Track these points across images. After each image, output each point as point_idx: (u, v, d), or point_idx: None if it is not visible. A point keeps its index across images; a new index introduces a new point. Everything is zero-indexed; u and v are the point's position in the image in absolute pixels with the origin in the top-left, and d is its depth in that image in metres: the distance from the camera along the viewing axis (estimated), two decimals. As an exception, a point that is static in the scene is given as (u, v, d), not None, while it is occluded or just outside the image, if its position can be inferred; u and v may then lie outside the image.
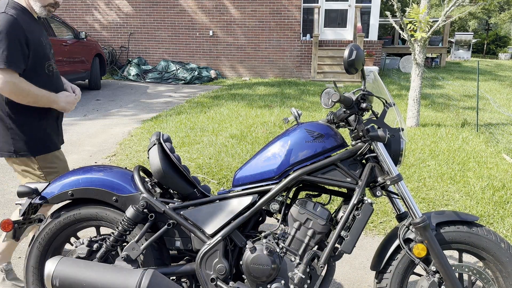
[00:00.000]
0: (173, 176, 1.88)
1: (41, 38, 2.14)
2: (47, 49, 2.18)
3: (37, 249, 1.95)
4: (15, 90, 1.99)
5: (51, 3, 2.13)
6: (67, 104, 2.20)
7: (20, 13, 2.05)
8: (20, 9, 2.08)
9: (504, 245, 1.80)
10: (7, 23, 1.95)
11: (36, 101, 2.08)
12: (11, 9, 2.02)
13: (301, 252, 1.80)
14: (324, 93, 1.92)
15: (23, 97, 2.03)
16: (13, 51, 1.96)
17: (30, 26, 2.07)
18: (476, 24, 26.59)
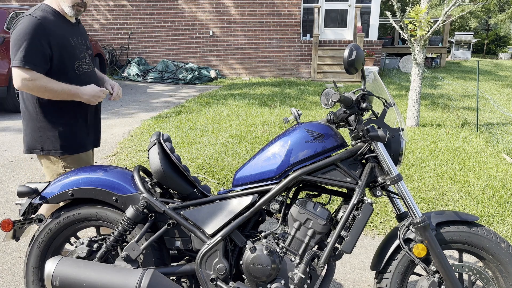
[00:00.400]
0: (173, 176, 1.88)
1: (70, 39, 2.20)
2: (77, 50, 2.24)
3: (37, 249, 1.95)
4: (32, 87, 2.08)
5: (78, 3, 2.18)
6: (91, 97, 2.18)
7: (49, 15, 2.14)
8: (50, 11, 2.17)
9: (504, 245, 1.80)
10: (29, 25, 2.05)
11: (56, 95, 2.13)
12: (39, 12, 2.12)
13: (301, 252, 1.80)
14: (324, 93, 1.92)
15: (42, 93, 2.11)
16: (31, 51, 2.04)
17: (58, 27, 2.15)
18: (476, 23, 26.60)
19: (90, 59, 2.35)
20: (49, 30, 2.09)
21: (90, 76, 2.32)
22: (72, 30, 2.26)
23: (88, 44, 2.39)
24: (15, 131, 5.99)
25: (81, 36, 2.34)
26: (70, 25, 2.25)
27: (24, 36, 2.04)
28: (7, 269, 2.71)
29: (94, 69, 2.40)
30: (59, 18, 2.19)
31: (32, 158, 4.82)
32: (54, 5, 2.20)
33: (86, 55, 2.32)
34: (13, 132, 5.94)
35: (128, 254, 1.83)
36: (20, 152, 5.05)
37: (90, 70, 2.33)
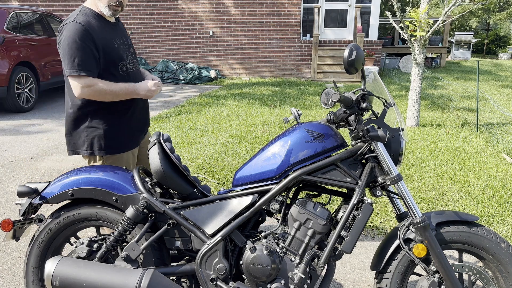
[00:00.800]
0: (173, 176, 1.88)
1: (113, 41, 2.22)
2: (120, 51, 2.24)
3: (37, 249, 1.95)
4: (93, 93, 2.11)
5: (114, 3, 2.18)
6: (147, 92, 2.21)
7: (91, 19, 2.16)
8: (91, 14, 2.19)
9: (504, 245, 1.79)
10: (76, 31, 2.07)
11: (116, 96, 2.16)
12: (81, 16, 2.14)
13: (301, 252, 1.80)
14: (324, 93, 1.92)
15: (103, 96, 2.14)
16: (83, 58, 2.08)
17: (101, 30, 2.17)
18: (476, 23, 26.59)
19: (133, 58, 2.36)
20: (94, 34, 2.12)
21: (135, 75, 2.33)
22: (114, 31, 2.27)
23: (129, 42, 2.38)
24: (15, 131, 5.99)
25: (122, 35, 2.34)
26: (111, 26, 2.27)
27: (74, 44, 2.06)
28: (7, 269, 2.71)
29: (137, 67, 2.40)
30: (100, 20, 2.21)
31: (32, 158, 4.83)
32: (94, 7, 2.21)
33: (129, 54, 2.33)
34: (13, 132, 5.94)
35: (128, 254, 1.83)
36: (20, 152, 5.05)
37: (134, 69, 2.34)
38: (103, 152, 2.25)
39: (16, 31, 7.17)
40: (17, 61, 6.88)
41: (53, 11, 11.82)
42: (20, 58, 6.97)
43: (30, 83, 7.21)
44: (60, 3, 12.05)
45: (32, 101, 7.30)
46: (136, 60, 2.40)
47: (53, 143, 5.46)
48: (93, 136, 2.23)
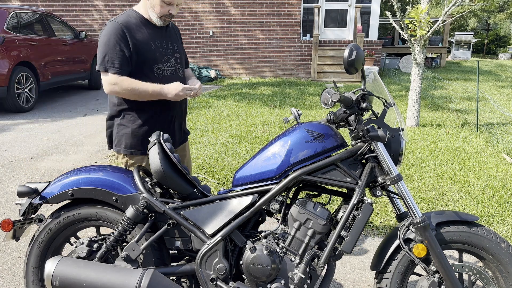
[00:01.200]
0: (173, 176, 1.88)
1: (151, 42, 2.23)
2: (158, 53, 2.25)
3: (37, 249, 1.94)
4: (118, 90, 2.16)
5: (165, 15, 2.22)
6: (174, 95, 2.18)
7: (132, 19, 2.21)
8: (135, 16, 2.24)
9: (504, 245, 1.79)
10: (111, 30, 2.15)
11: (141, 96, 2.18)
12: (122, 17, 2.21)
13: (301, 252, 1.80)
14: (324, 93, 1.92)
15: (128, 94, 2.18)
16: (113, 56, 2.13)
17: (140, 31, 2.21)
18: (476, 23, 26.57)
19: (174, 63, 2.34)
20: (129, 34, 2.16)
21: (171, 79, 2.28)
22: (156, 34, 2.28)
23: (176, 47, 2.38)
24: (15, 131, 5.99)
25: (168, 39, 2.34)
26: (154, 29, 2.27)
27: (106, 42, 2.13)
28: (7, 269, 2.71)
29: (179, 72, 2.37)
30: (142, 22, 2.24)
31: (32, 158, 4.83)
32: (142, 11, 2.25)
33: (170, 58, 2.32)
34: (13, 132, 5.94)
35: (128, 254, 1.83)
36: (20, 152, 5.05)
37: (173, 74, 2.32)
38: (127, 151, 2.29)
39: (16, 31, 7.18)
40: (17, 61, 6.88)
41: (53, 11, 11.82)
42: (20, 58, 6.97)
43: (30, 83, 7.21)
44: (60, 3, 12.05)
45: (32, 101, 7.30)
46: (180, 66, 2.38)
47: (53, 143, 5.46)
48: (122, 134, 2.29)
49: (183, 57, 2.45)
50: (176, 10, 2.24)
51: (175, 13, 2.23)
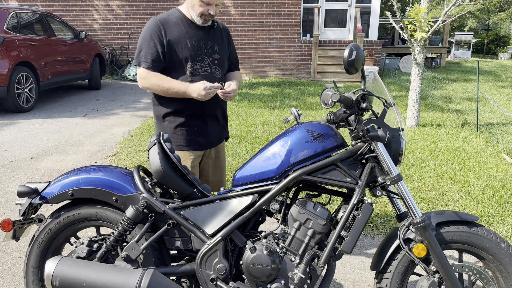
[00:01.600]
0: (173, 176, 1.88)
1: (188, 41, 2.26)
2: (192, 52, 2.26)
3: (37, 249, 1.94)
4: (148, 85, 2.26)
5: (204, 13, 2.22)
6: (197, 95, 2.18)
7: (172, 17, 2.27)
8: (176, 14, 2.29)
9: (504, 245, 1.79)
10: (149, 26, 2.25)
11: (167, 92, 2.24)
12: (163, 15, 2.29)
13: (301, 252, 1.80)
14: (324, 93, 1.92)
15: (156, 89, 2.26)
16: (146, 51, 2.23)
17: (178, 28, 2.26)
18: (475, 23, 26.55)
19: (210, 63, 2.33)
20: (165, 31, 2.22)
21: (204, 79, 2.27)
22: (195, 33, 2.29)
23: (217, 48, 2.36)
24: (15, 131, 5.99)
25: (209, 40, 2.33)
26: (194, 28, 2.29)
27: (143, 38, 2.23)
28: (7, 269, 2.71)
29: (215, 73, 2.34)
30: (182, 21, 2.28)
31: (32, 158, 4.83)
32: (185, 10, 2.30)
33: (205, 58, 2.31)
34: (13, 132, 5.94)
35: (128, 254, 1.83)
36: (20, 152, 5.04)
37: (206, 74, 2.31)
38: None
39: (16, 31, 7.18)
40: (17, 61, 6.88)
41: (53, 11, 11.81)
42: (20, 58, 6.97)
43: (30, 83, 7.21)
44: (60, 3, 12.05)
45: (32, 101, 7.30)
46: (217, 67, 2.36)
47: (53, 143, 5.46)
48: (159, 128, 2.38)
49: (225, 59, 2.42)
50: (216, 10, 2.24)
51: (214, 13, 2.23)
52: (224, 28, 2.49)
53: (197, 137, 2.36)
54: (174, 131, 2.33)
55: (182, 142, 2.34)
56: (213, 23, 2.38)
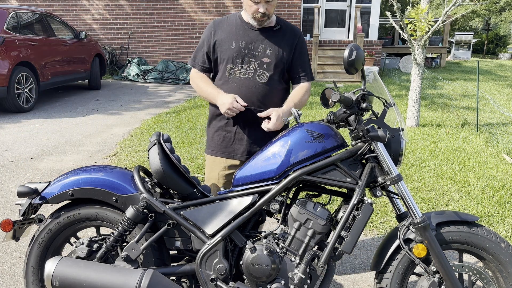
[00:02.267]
0: (173, 176, 1.88)
1: (233, 41, 2.20)
2: (235, 53, 2.18)
3: (37, 249, 1.94)
4: (193, 84, 2.33)
5: (257, 15, 2.12)
6: (222, 105, 2.10)
7: (229, 20, 2.26)
8: (234, 18, 2.27)
9: (504, 245, 1.79)
10: (206, 28, 2.30)
11: (203, 95, 2.27)
12: (223, 17, 2.30)
13: (301, 252, 1.79)
14: (324, 93, 1.92)
15: (198, 91, 2.31)
16: (197, 51, 2.30)
17: (229, 29, 2.22)
18: (481, 23, 26.51)
19: (256, 67, 2.17)
20: (215, 31, 2.23)
21: (241, 83, 2.18)
22: (247, 34, 2.19)
23: (270, 52, 2.17)
24: (15, 131, 5.99)
25: (263, 42, 2.18)
26: (248, 29, 2.21)
27: (201, 37, 2.29)
28: (7, 269, 2.71)
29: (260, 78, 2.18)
30: (237, 23, 2.24)
31: (32, 158, 4.83)
32: (243, 13, 2.24)
33: (251, 61, 2.18)
34: (13, 132, 5.94)
35: (128, 254, 1.83)
36: (20, 152, 5.04)
37: (247, 77, 2.18)
38: (207, 151, 2.37)
39: (16, 31, 7.17)
40: (17, 61, 6.88)
41: (53, 11, 11.82)
42: (20, 58, 6.97)
43: (30, 83, 7.21)
44: (60, 3, 12.05)
45: (32, 101, 7.30)
46: (264, 72, 2.18)
47: (53, 143, 5.46)
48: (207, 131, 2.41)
49: (279, 64, 2.19)
50: (269, 8, 2.10)
51: (264, 11, 2.08)
52: (293, 31, 2.26)
53: (234, 144, 2.25)
54: (212, 135, 2.31)
55: (217, 148, 2.29)
56: (275, 25, 2.22)
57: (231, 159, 2.28)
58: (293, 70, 2.26)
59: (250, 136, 2.24)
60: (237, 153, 2.26)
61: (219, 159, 2.30)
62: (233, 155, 2.27)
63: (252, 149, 2.25)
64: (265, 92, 2.19)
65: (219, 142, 2.29)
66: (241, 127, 2.24)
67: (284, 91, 2.29)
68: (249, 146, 2.25)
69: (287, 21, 2.31)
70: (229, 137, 2.26)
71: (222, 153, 2.29)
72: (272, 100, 2.21)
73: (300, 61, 2.26)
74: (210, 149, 2.34)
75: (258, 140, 2.24)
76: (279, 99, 2.25)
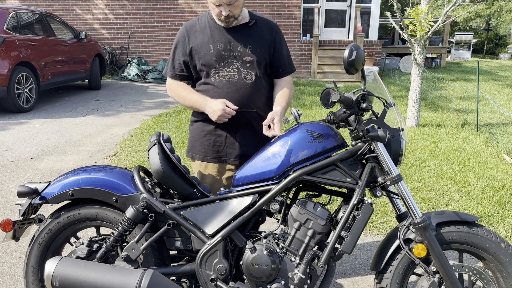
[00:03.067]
0: (173, 176, 1.88)
1: (211, 45, 2.09)
2: (215, 57, 2.08)
3: (37, 249, 1.94)
4: (171, 94, 2.23)
5: (219, 15, 2.04)
6: (212, 112, 2.04)
7: (201, 23, 2.15)
8: (205, 19, 2.17)
9: (504, 245, 1.79)
10: (177, 34, 2.20)
11: (187, 104, 2.17)
12: (193, 20, 2.19)
13: (301, 252, 1.79)
14: (324, 93, 1.92)
15: (179, 101, 2.21)
16: (171, 60, 2.20)
17: (202, 33, 2.12)
18: (481, 23, 26.52)
19: (240, 67, 2.10)
20: (189, 38, 2.13)
21: (229, 86, 2.10)
22: (223, 35, 2.10)
23: (250, 50, 2.10)
24: (15, 131, 5.99)
25: (241, 40, 2.10)
26: (222, 30, 2.11)
27: (172, 46, 2.20)
28: (7, 269, 2.71)
29: (245, 78, 2.11)
30: (210, 24, 2.13)
31: (32, 158, 4.83)
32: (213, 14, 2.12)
33: (233, 62, 2.09)
34: (13, 132, 5.94)
35: (128, 254, 1.83)
36: (20, 152, 5.04)
37: (233, 79, 2.10)
38: (189, 154, 2.28)
39: (16, 31, 7.18)
40: (17, 61, 6.88)
41: (53, 11, 11.82)
42: (20, 58, 6.97)
43: (30, 83, 7.21)
44: (60, 3, 12.05)
45: (32, 101, 7.30)
46: (248, 71, 2.11)
47: (53, 143, 5.46)
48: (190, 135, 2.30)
49: (261, 61, 2.12)
50: (232, 10, 2.02)
51: (227, 13, 2.00)
52: (268, 24, 2.20)
53: (226, 148, 2.18)
54: (201, 140, 2.20)
55: (208, 153, 2.20)
56: (250, 21, 2.16)
57: (224, 163, 2.21)
58: (275, 64, 2.20)
59: (242, 139, 2.17)
60: (230, 157, 2.19)
61: (211, 165, 2.21)
62: (226, 160, 2.20)
63: (245, 153, 2.17)
64: (254, 91, 2.13)
65: (209, 147, 2.19)
66: (233, 130, 2.16)
67: (270, 87, 2.23)
68: (242, 149, 2.18)
69: (260, 14, 2.24)
70: (220, 141, 2.17)
71: (214, 158, 2.20)
72: (261, 99, 2.17)
73: (281, 54, 2.20)
74: (199, 154, 2.22)
75: (250, 142, 2.18)
76: (266, 96, 2.20)
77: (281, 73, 2.23)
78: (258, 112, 2.16)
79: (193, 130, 2.26)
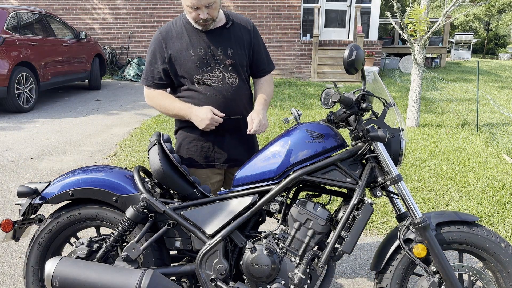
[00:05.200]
0: (173, 176, 1.88)
1: (191, 51, 2.03)
2: (198, 62, 2.03)
3: (37, 249, 1.94)
4: (152, 104, 2.15)
5: (198, 20, 1.99)
6: (199, 121, 1.99)
7: (177, 28, 2.08)
8: (181, 23, 2.09)
9: (504, 246, 1.79)
10: (152, 41, 2.10)
11: (170, 113, 2.09)
12: (167, 25, 2.10)
13: (301, 253, 1.79)
14: (324, 93, 1.92)
15: (159, 109, 2.12)
16: (148, 68, 2.11)
17: (180, 39, 2.05)
18: (480, 25, 26.54)
19: (222, 71, 2.05)
20: (167, 44, 2.05)
21: (214, 92, 2.05)
22: (202, 39, 2.05)
23: (230, 53, 2.06)
24: (15, 131, 5.99)
25: (220, 43, 2.06)
26: (200, 34, 2.05)
27: (148, 54, 2.10)
28: (7, 269, 2.71)
29: (229, 81, 2.07)
30: (186, 28, 2.06)
31: (32, 158, 4.83)
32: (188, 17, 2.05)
33: (216, 67, 2.05)
34: (13, 132, 5.94)
35: (128, 254, 1.83)
36: (20, 152, 5.04)
37: (218, 84, 2.05)
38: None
39: (16, 31, 7.18)
40: (17, 61, 6.88)
41: (53, 11, 11.82)
42: (20, 58, 6.97)
43: (30, 83, 7.21)
44: (60, 3, 12.05)
45: (32, 101, 7.30)
46: (232, 74, 2.07)
47: (53, 143, 5.46)
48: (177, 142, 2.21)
49: (243, 63, 2.10)
50: (211, 12, 1.96)
51: (205, 17, 1.95)
52: (244, 25, 2.14)
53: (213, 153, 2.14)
54: (187, 147, 2.15)
55: (195, 158, 2.14)
56: (227, 22, 2.09)
57: (213, 168, 2.17)
58: (255, 64, 2.18)
59: (230, 143, 2.14)
60: (219, 162, 2.16)
61: (199, 170, 2.16)
62: (215, 164, 2.16)
63: (233, 157, 2.14)
64: (239, 94, 2.10)
65: (196, 153, 2.14)
66: (220, 135, 2.11)
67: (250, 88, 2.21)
68: (230, 153, 2.14)
69: (235, 14, 2.17)
70: (207, 146, 2.13)
71: (202, 163, 2.15)
72: (246, 101, 2.15)
73: (260, 54, 2.18)
74: (186, 161, 2.15)
75: (238, 146, 2.15)
76: (250, 98, 2.19)
77: (261, 72, 2.22)
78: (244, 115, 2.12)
79: (178, 137, 2.20)
